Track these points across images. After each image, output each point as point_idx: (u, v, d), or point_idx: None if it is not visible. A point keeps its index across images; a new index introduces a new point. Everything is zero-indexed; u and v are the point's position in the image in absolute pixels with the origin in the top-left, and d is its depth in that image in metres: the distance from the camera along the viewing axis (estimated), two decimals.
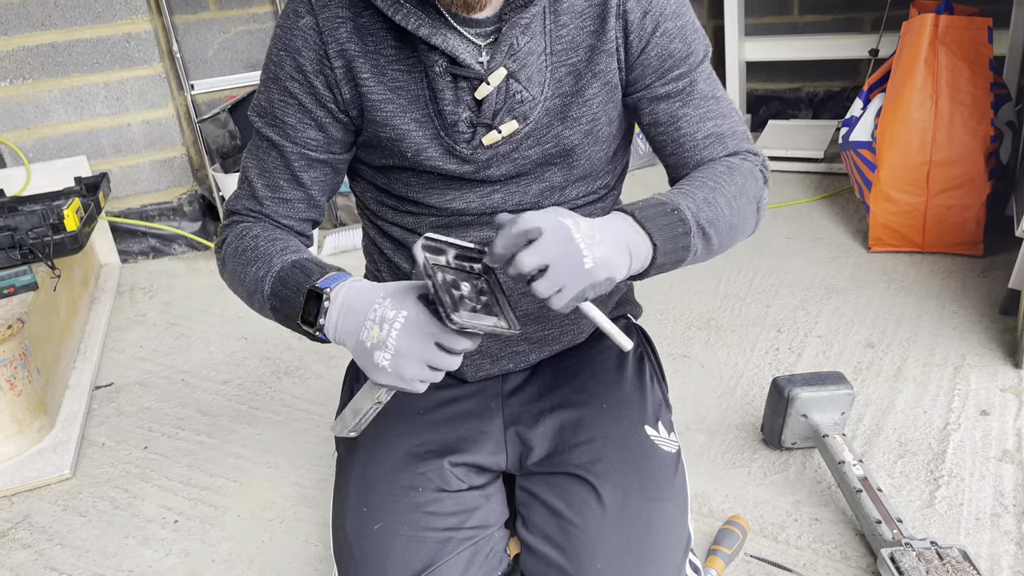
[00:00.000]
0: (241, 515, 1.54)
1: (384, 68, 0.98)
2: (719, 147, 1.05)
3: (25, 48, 2.63)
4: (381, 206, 1.11)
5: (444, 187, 1.03)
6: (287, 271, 0.94)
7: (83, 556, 1.48)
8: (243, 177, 1.08)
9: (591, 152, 1.04)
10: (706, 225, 0.93)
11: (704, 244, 0.94)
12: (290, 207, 1.06)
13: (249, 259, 1.00)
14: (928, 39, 2.15)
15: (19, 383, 1.75)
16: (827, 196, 2.75)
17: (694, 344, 1.94)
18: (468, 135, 0.99)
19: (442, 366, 0.84)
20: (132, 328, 2.40)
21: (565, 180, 1.05)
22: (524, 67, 0.97)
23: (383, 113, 0.99)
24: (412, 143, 1.00)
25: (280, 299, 0.94)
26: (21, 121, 2.70)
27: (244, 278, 1.00)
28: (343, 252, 2.78)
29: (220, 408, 1.91)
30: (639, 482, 1.00)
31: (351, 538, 1.00)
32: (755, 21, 3.38)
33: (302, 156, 1.03)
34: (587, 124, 1.02)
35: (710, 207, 0.95)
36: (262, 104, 1.04)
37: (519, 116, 0.98)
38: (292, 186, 1.05)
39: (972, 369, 1.71)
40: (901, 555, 1.16)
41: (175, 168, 2.91)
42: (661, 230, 0.89)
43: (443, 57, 0.94)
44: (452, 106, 0.97)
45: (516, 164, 1.02)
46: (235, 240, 1.04)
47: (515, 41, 0.95)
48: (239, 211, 1.08)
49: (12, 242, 2.02)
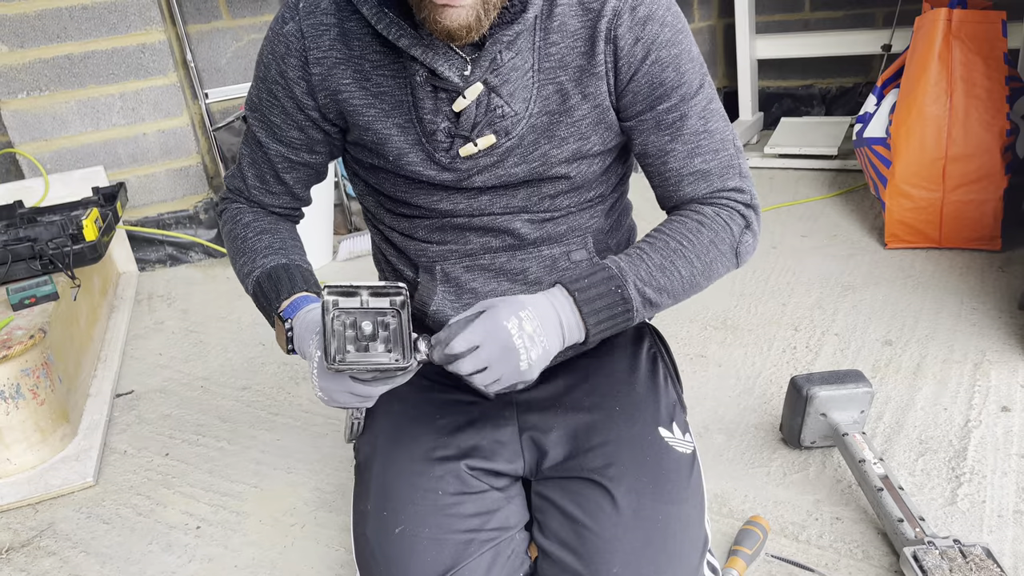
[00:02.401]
0: (263, 520, 1.55)
1: (368, 73, 1.00)
2: (703, 185, 1.04)
3: (42, 60, 2.66)
4: (379, 208, 1.14)
5: (430, 190, 1.05)
6: (264, 281, 1.07)
7: (107, 563, 1.49)
8: (238, 160, 1.17)
9: (580, 169, 1.04)
10: (654, 296, 0.97)
11: (650, 310, 0.99)
12: (276, 198, 1.16)
13: (239, 249, 1.13)
14: (942, 33, 2.14)
15: (42, 392, 1.77)
16: (841, 193, 2.74)
17: (710, 344, 1.94)
18: (447, 144, 1.00)
19: (364, 394, 0.92)
20: (151, 336, 2.42)
21: (554, 190, 1.05)
22: (506, 82, 0.96)
23: (365, 117, 1.01)
24: (394, 147, 1.01)
25: (259, 306, 1.08)
26: (39, 133, 2.73)
27: (234, 265, 1.15)
28: (358, 257, 2.80)
29: (239, 414, 1.92)
30: (654, 484, 1.00)
31: (373, 543, 1.00)
32: (766, 19, 3.37)
33: (284, 159, 1.11)
34: (575, 143, 1.02)
35: (664, 274, 0.98)
36: (253, 100, 1.10)
37: (500, 131, 0.99)
38: (276, 182, 1.14)
39: (992, 365, 1.70)
40: (924, 554, 1.16)
41: (190, 176, 2.94)
42: (598, 313, 0.94)
43: (423, 68, 0.95)
44: (431, 115, 0.98)
45: (501, 179, 1.03)
46: (230, 222, 1.17)
47: (498, 56, 0.95)
48: (233, 189, 1.18)
49: (32, 252, 2.04)
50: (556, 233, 1.08)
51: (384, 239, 1.16)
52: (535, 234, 1.07)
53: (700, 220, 1.02)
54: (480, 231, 1.07)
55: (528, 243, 1.07)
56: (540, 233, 1.07)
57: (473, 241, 1.07)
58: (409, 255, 1.11)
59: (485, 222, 1.06)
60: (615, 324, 0.96)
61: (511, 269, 1.08)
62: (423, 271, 1.10)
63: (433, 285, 1.09)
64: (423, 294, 1.10)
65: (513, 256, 1.08)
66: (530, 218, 1.06)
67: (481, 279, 1.08)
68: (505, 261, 1.08)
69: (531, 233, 1.07)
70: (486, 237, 1.07)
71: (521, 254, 1.08)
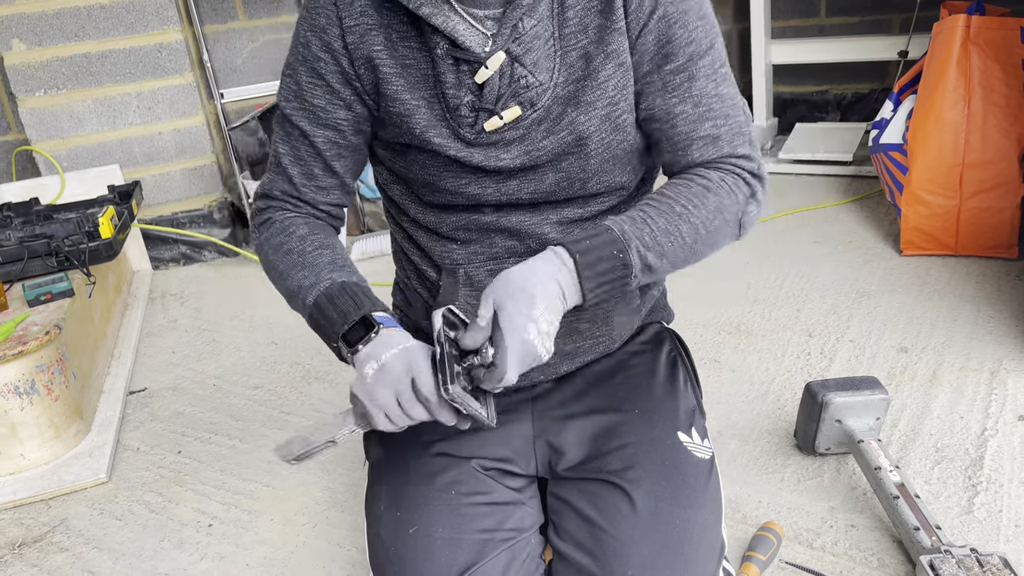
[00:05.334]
0: (274, 519, 1.55)
1: (396, 43, 0.98)
2: (711, 150, 1.00)
3: (59, 59, 2.68)
4: (405, 198, 1.10)
5: (458, 171, 1.02)
6: (336, 292, 0.99)
7: (119, 559, 1.50)
8: (276, 162, 1.10)
9: (609, 141, 1.00)
10: (655, 261, 0.93)
11: (648, 276, 0.95)
12: (326, 194, 1.10)
13: (296, 262, 1.04)
14: (960, 40, 2.13)
15: (56, 388, 1.78)
16: (857, 199, 2.73)
17: (724, 349, 1.93)
18: (471, 119, 0.98)
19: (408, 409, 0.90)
20: (164, 334, 2.43)
21: (583, 171, 1.01)
22: (529, 51, 0.95)
23: (393, 86, 0.99)
24: (420, 120, 0.99)
25: (323, 315, 0.99)
26: (56, 131, 2.75)
27: (287, 279, 1.04)
28: (371, 258, 2.80)
29: (252, 413, 1.93)
30: (672, 489, 0.99)
31: (387, 544, 1.00)
32: (781, 24, 3.36)
33: (333, 145, 1.05)
34: (603, 108, 0.98)
35: (668, 238, 0.94)
36: (291, 88, 1.05)
37: (524, 102, 0.96)
38: (326, 174, 1.08)
39: (1009, 374, 1.68)
40: (941, 562, 1.15)
41: (205, 176, 2.95)
42: (599, 277, 0.91)
43: (444, 39, 0.94)
44: (454, 89, 0.97)
45: (530, 155, 0.99)
46: (280, 233, 1.07)
47: (519, 23, 0.93)
48: (276, 196, 1.10)
49: (49, 249, 2.06)
50: None
51: (407, 237, 1.13)
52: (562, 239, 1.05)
53: (706, 185, 0.97)
54: (507, 234, 1.05)
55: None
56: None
57: (499, 244, 1.05)
58: (433, 256, 1.09)
59: (513, 223, 1.04)
60: (612, 289, 0.92)
61: None
62: (446, 273, 1.09)
63: (455, 288, 1.08)
64: (445, 297, 1.09)
65: None
66: (559, 220, 1.04)
67: None
68: None
69: (558, 238, 1.04)
70: (512, 241, 1.05)
71: None
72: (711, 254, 1.00)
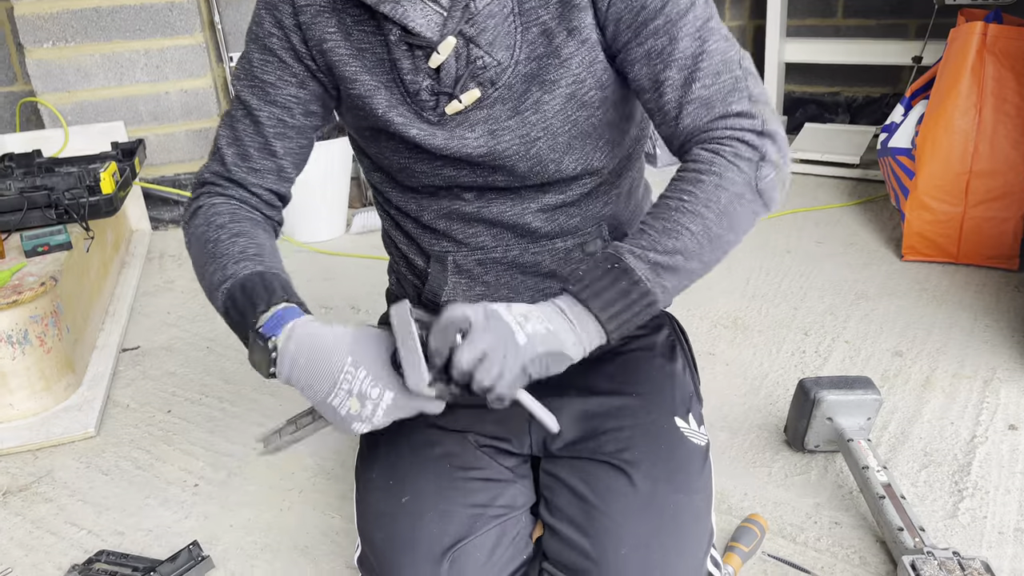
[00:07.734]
0: (261, 483, 1.55)
1: (351, 28, 0.97)
2: (705, 112, 0.91)
3: (69, 11, 2.65)
4: (385, 184, 1.10)
5: (429, 156, 1.00)
6: (237, 292, 0.93)
7: (104, 513, 1.50)
8: (214, 148, 1.07)
9: (576, 117, 0.96)
10: (664, 259, 0.87)
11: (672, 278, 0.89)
12: (259, 176, 1.05)
13: (208, 253, 0.98)
14: (976, 47, 2.12)
15: (49, 340, 1.77)
16: (861, 202, 2.72)
17: (720, 342, 1.93)
18: (432, 103, 0.96)
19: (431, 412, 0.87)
20: (160, 294, 2.42)
21: (552, 150, 0.98)
22: (484, 31, 0.93)
23: (350, 68, 0.98)
24: (381, 101, 0.98)
25: (232, 322, 0.95)
26: (62, 84, 2.73)
27: (203, 275, 1.00)
28: (370, 232, 2.79)
29: (243, 377, 1.92)
30: (668, 473, 0.99)
31: (378, 511, 1.00)
32: (797, 23, 3.34)
33: (277, 122, 1.03)
34: (568, 87, 0.94)
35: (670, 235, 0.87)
36: (243, 66, 1.04)
37: (484, 82, 0.95)
38: (263, 155, 1.04)
39: (1002, 383, 1.68)
40: (923, 563, 1.15)
41: (210, 139, 2.93)
42: (601, 295, 0.85)
43: (396, 25, 0.93)
44: (412, 75, 0.96)
45: (495, 135, 0.97)
46: (203, 224, 1.02)
47: (471, 3, 0.91)
48: (206, 180, 1.06)
49: (48, 201, 2.04)
50: (570, 226, 1.06)
51: (395, 225, 1.13)
52: (547, 227, 1.05)
53: (698, 169, 0.89)
54: (489, 224, 1.04)
55: (541, 236, 1.05)
56: (552, 227, 1.05)
57: (483, 234, 1.05)
58: (421, 244, 1.09)
59: (495, 214, 1.03)
60: (629, 304, 0.85)
61: (524, 262, 1.06)
62: (434, 261, 1.08)
63: (444, 275, 1.07)
64: (434, 284, 1.08)
65: (526, 250, 1.06)
66: (540, 207, 1.03)
67: (494, 272, 1.07)
68: (518, 255, 1.06)
69: (543, 227, 1.04)
70: (496, 229, 1.04)
71: (534, 247, 1.06)
72: (741, 235, 0.92)
